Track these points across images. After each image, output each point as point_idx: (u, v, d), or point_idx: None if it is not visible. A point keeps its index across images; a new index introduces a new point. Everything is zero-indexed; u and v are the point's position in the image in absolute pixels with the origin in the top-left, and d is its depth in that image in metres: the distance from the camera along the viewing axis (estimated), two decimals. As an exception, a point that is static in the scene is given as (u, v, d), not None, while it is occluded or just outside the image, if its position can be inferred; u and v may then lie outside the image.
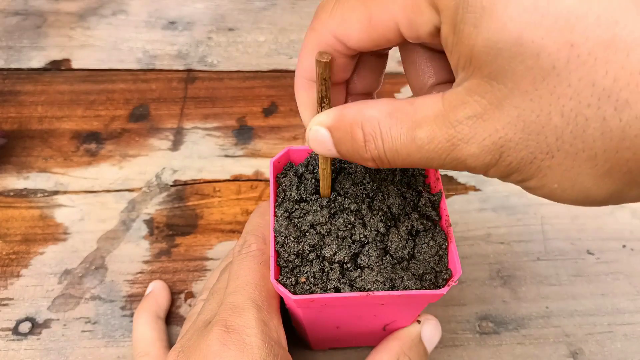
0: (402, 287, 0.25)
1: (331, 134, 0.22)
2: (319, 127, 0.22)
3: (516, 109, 0.17)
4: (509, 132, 0.17)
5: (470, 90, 0.18)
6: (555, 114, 0.16)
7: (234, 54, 0.53)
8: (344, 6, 0.20)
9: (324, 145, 0.22)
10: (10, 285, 0.38)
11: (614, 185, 0.17)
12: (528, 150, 0.17)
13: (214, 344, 0.24)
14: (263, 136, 0.47)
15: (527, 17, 0.16)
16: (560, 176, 0.18)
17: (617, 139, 0.16)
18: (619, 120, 0.16)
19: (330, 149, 0.22)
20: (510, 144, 0.18)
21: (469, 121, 0.18)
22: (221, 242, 0.41)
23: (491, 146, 0.18)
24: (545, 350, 0.36)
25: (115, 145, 0.46)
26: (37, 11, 0.56)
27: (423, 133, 0.19)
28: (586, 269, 0.40)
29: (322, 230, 0.26)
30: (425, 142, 0.19)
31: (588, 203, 0.18)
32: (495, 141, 0.18)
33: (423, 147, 0.19)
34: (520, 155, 0.18)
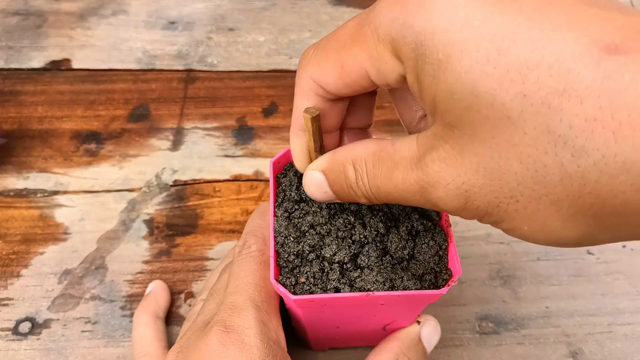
0: (402, 287, 0.25)
1: (326, 177, 0.23)
2: (313, 171, 0.24)
3: (476, 156, 0.17)
4: (472, 177, 0.18)
5: (437, 135, 0.19)
6: (514, 161, 0.17)
7: (234, 54, 0.53)
8: (320, 54, 0.22)
9: (320, 187, 0.24)
10: (10, 285, 0.38)
11: (582, 229, 0.17)
12: (492, 195, 0.18)
13: (213, 344, 0.24)
14: (263, 136, 0.47)
15: (480, 69, 0.16)
16: (528, 219, 0.18)
17: (578, 185, 0.16)
18: (577, 166, 0.16)
19: (326, 190, 0.24)
20: (474, 189, 0.18)
21: (434, 165, 0.19)
22: (221, 242, 0.41)
23: (455, 190, 0.18)
24: (545, 350, 0.36)
25: (115, 145, 0.46)
26: (37, 11, 0.56)
27: (399, 173, 0.20)
28: (586, 269, 0.40)
29: (322, 231, 0.26)
30: (400, 183, 0.20)
31: (560, 244, 0.18)
32: (458, 186, 0.18)
33: (398, 186, 0.20)
34: (485, 199, 0.18)
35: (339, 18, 0.57)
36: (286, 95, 0.50)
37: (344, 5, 0.58)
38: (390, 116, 0.49)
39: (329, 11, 0.58)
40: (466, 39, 0.16)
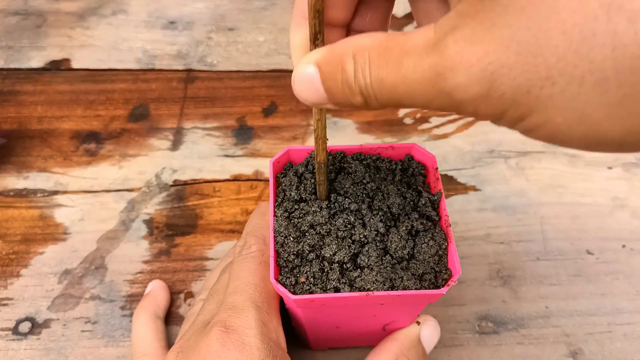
0: (402, 287, 0.25)
1: (320, 71, 0.20)
2: (306, 64, 0.20)
3: (509, 29, 0.15)
4: (501, 55, 0.15)
5: (462, 13, 0.16)
6: (556, 31, 0.14)
7: (234, 54, 0.53)
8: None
9: (310, 84, 0.20)
10: (10, 285, 0.38)
11: (630, 119, 0.15)
12: (524, 76, 0.15)
13: (214, 344, 0.24)
14: (263, 136, 0.47)
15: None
16: (565, 107, 0.15)
17: (632, 57, 0.14)
18: (633, 32, 0.13)
19: (318, 88, 0.20)
20: (502, 70, 0.15)
21: (456, 46, 0.16)
22: (221, 242, 0.41)
23: (480, 73, 0.16)
24: (545, 350, 0.36)
25: (114, 145, 0.46)
26: (37, 11, 0.56)
27: (409, 61, 0.17)
28: (586, 269, 0.40)
29: (321, 230, 0.26)
30: (410, 71, 0.17)
31: (600, 142, 0.16)
32: (484, 67, 0.16)
33: (407, 76, 0.17)
34: (515, 83, 0.15)
35: (338, 18, 0.57)
36: (286, 95, 0.50)
37: (344, 5, 0.58)
38: (391, 116, 0.49)
39: (328, 11, 0.58)
40: None
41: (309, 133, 0.48)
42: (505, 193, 0.44)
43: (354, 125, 0.48)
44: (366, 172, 0.28)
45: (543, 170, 0.45)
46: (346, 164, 0.29)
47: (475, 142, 0.47)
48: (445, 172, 0.45)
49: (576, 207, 0.43)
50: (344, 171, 0.29)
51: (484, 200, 0.43)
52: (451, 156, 0.46)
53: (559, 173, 0.45)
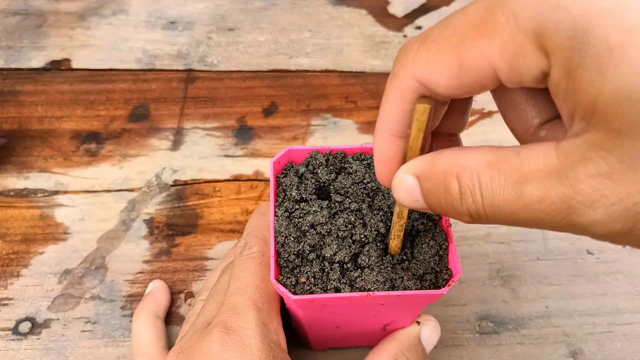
0: (402, 287, 0.25)
1: (420, 184, 0.20)
2: (406, 174, 0.20)
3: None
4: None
5: (594, 145, 0.15)
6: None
7: (234, 54, 0.53)
8: (430, 49, 0.18)
9: (410, 194, 0.20)
10: (10, 285, 0.38)
11: None
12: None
13: (214, 344, 0.24)
14: (263, 136, 0.47)
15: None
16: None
17: None
18: None
19: (418, 199, 0.20)
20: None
21: (592, 181, 0.15)
22: (221, 242, 0.41)
23: (623, 212, 0.15)
24: (545, 350, 0.36)
25: (115, 145, 0.46)
26: (37, 11, 0.56)
27: (532, 190, 0.16)
28: (586, 268, 0.40)
29: (322, 230, 0.26)
30: (535, 201, 0.16)
31: None
32: (628, 207, 0.15)
33: (531, 206, 0.16)
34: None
35: (339, 18, 0.57)
36: (286, 95, 0.50)
37: (344, 5, 0.58)
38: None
39: (329, 11, 0.58)
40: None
41: (309, 133, 0.48)
42: (505, 193, 0.44)
43: (355, 125, 0.48)
44: (366, 172, 0.28)
45: (543, 170, 0.45)
46: (347, 163, 0.29)
47: (475, 142, 0.47)
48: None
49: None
50: (345, 171, 0.29)
51: (484, 200, 0.43)
52: (451, 156, 0.46)
53: (559, 173, 0.45)
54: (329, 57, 0.54)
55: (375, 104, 0.50)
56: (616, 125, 0.14)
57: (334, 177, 0.28)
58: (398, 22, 0.57)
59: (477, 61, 0.17)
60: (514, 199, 0.17)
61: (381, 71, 0.53)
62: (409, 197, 0.20)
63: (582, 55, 0.14)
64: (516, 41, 0.16)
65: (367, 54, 0.54)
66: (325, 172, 0.28)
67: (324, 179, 0.28)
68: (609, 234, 0.16)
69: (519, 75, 0.16)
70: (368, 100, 0.50)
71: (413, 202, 0.20)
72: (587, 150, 0.15)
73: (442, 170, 0.19)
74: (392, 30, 0.56)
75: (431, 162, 0.19)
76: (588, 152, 0.15)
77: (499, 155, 0.17)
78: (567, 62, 0.15)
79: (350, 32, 0.56)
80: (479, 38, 0.16)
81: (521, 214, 0.17)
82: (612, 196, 0.15)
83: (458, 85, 0.18)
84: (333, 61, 0.53)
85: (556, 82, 0.16)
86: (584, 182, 0.15)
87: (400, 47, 0.20)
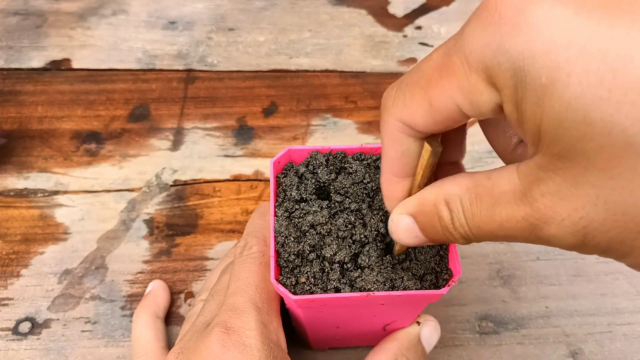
0: (402, 287, 0.25)
1: (416, 220, 0.22)
2: (400, 216, 0.22)
3: (594, 188, 0.16)
4: (590, 211, 0.16)
5: (542, 167, 0.17)
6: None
7: (234, 54, 0.53)
8: (405, 93, 0.20)
9: (409, 232, 0.22)
10: (10, 285, 0.38)
11: None
12: (616, 230, 0.16)
13: (214, 345, 0.24)
14: (263, 136, 0.47)
15: (592, 93, 0.15)
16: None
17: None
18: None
19: (417, 235, 0.22)
20: (593, 225, 0.16)
21: (545, 200, 0.17)
22: (221, 242, 0.41)
23: (572, 227, 0.17)
24: (545, 350, 0.36)
25: (115, 145, 0.46)
26: (37, 11, 0.56)
27: (502, 210, 0.18)
28: (586, 268, 0.40)
29: (322, 230, 0.26)
30: (505, 220, 0.18)
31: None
32: (575, 222, 0.16)
33: (503, 225, 0.18)
34: (607, 236, 0.16)
35: (339, 18, 0.57)
36: (286, 95, 0.50)
37: (344, 5, 0.58)
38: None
39: (329, 11, 0.58)
40: (573, 60, 0.15)
41: (309, 133, 0.48)
42: (505, 193, 0.44)
43: (354, 125, 0.48)
44: (366, 172, 0.28)
45: (543, 170, 0.45)
46: (347, 163, 0.29)
47: (475, 142, 0.47)
48: (446, 172, 0.45)
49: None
50: (345, 171, 0.29)
51: (484, 200, 0.43)
52: (451, 156, 0.46)
53: (559, 173, 0.45)
54: (329, 57, 0.54)
55: (375, 104, 0.50)
56: (557, 150, 0.16)
57: (334, 177, 0.28)
58: (398, 22, 0.57)
59: (443, 100, 0.19)
60: (489, 219, 0.19)
61: (381, 71, 0.53)
62: (409, 235, 0.22)
63: (523, 91, 0.16)
64: (470, 80, 0.17)
65: (367, 54, 0.54)
66: (325, 172, 0.28)
67: (324, 179, 0.28)
68: (568, 246, 0.18)
69: (478, 109, 0.18)
70: (368, 100, 0.50)
71: (414, 238, 0.22)
72: (538, 171, 0.17)
73: (433, 202, 0.21)
74: (392, 30, 0.56)
75: (421, 198, 0.21)
76: (539, 173, 0.17)
77: (475, 180, 0.19)
78: (513, 97, 0.17)
79: (350, 32, 0.56)
80: (441, 80, 0.18)
81: (499, 232, 0.19)
82: (562, 212, 0.17)
83: (433, 122, 0.19)
84: (333, 61, 0.53)
85: (508, 114, 0.17)
86: (539, 201, 0.17)
87: (383, 94, 0.22)
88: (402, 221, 0.22)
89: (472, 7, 0.62)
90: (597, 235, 0.17)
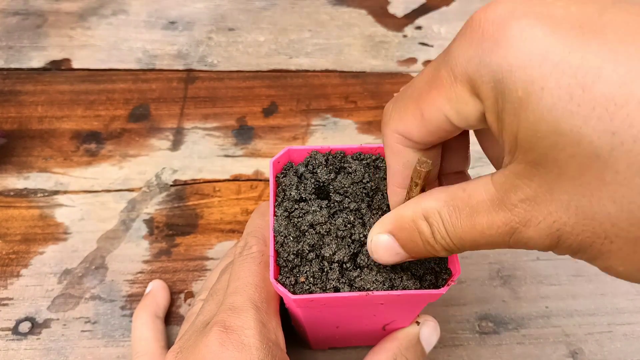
0: (402, 287, 0.25)
1: (396, 237, 0.22)
2: (378, 235, 0.22)
3: (566, 194, 0.17)
4: (563, 215, 0.17)
5: (519, 174, 0.18)
6: (607, 201, 0.16)
7: (234, 54, 0.53)
8: (400, 106, 0.21)
9: (389, 250, 0.22)
10: (10, 285, 0.38)
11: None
12: (585, 234, 0.17)
13: (213, 344, 0.24)
14: (263, 136, 0.47)
15: (563, 106, 0.16)
16: (624, 260, 0.17)
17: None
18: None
19: (399, 252, 0.22)
20: (565, 228, 0.17)
21: (523, 204, 0.18)
22: (221, 242, 0.41)
23: (547, 230, 0.18)
24: (545, 350, 0.36)
25: (115, 145, 0.46)
26: (37, 11, 0.56)
27: (482, 219, 0.19)
28: (586, 268, 0.40)
29: (321, 230, 0.26)
30: (486, 228, 0.19)
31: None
32: (550, 225, 0.18)
33: (484, 232, 0.19)
34: (578, 238, 0.17)
35: (339, 18, 0.57)
36: (286, 95, 0.50)
37: (344, 5, 0.58)
38: (390, 116, 0.49)
39: (329, 11, 0.58)
40: (546, 75, 0.16)
41: (309, 133, 0.48)
42: (505, 193, 0.44)
43: (354, 125, 0.48)
44: (366, 171, 0.28)
45: (543, 170, 0.45)
46: (346, 163, 0.29)
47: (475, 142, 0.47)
48: (446, 172, 0.45)
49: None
50: (344, 171, 0.29)
51: (484, 200, 0.43)
52: (451, 156, 0.46)
53: (559, 173, 0.45)
54: (329, 57, 0.54)
55: (375, 104, 0.50)
56: (531, 158, 0.17)
57: (333, 177, 0.28)
58: (398, 22, 0.57)
59: (432, 111, 0.20)
60: (470, 229, 0.19)
61: (381, 71, 0.53)
62: (389, 253, 0.22)
63: (502, 102, 0.17)
64: (457, 91, 0.19)
65: (367, 54, 0.54)
66: (325, 172, 0.28)
67: (323, 178, 0.28)
68: (545, 248, 0.19)
69: (465, 119, 0.19)
70: (368, 100, 0.50)
71: (394, 255, 0.23)
72: (514, 179, 0.18)
73: (411, 218, 0.21)
74: (392, 30, 0.56)
75: (399, 214, 0.22)
76: (515, 180, 0.18)
77: (451, 193, 0.20)
78: (494, 107, 0.18)
79: (350, 32, 0.56)
80: (431, 92, 0.20)
81: (480, 240, 0.19)
82: (538, 216, 0.18)
83: (426, 132, 0.21)
84: (333, 61, 0.53)
85: (491, 123, 0.18)
86: (518, 206, 0.18)
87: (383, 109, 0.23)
88: (381, 239, 0.22)
89: (472, 8, 0.62)
90: (569, 238, 0.17)
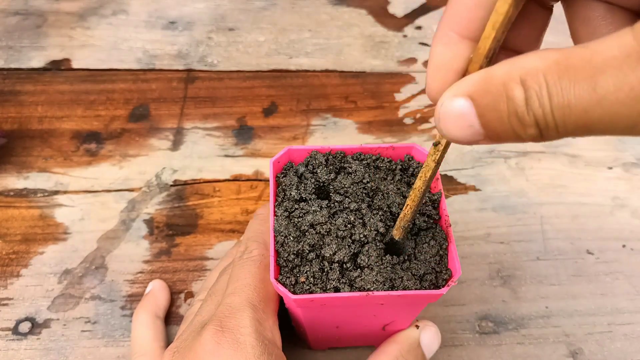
0: (402, 287, 0.25)
1: (475, 103, 0.17)
2: (452, 99, 0.17)
3: None
4: None
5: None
6: None
7: (234, 54, 0.53)
8: None
9: (462, 120, 0.17)
10: (10, 285, 0.38)
11: None
12: None
13: (208, 343, 0.24)
14: (263, 136, 0.47)
15: None
16: None
17: None
18: None
19: (472, 123, 0.17)
20: None
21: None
22: (221, 242, 0.41)
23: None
24: (545, 350, 0.36)
25: (115, 145, 0.46)
26: (37, 11, 0.56)
27: (608, 79, 0.14)
28: (586, 268, 0.40)
29: (321, 230, 0.26)
30: (612, 91, 0.14)
31: None
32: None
33: (607, 98, 0.14)
34: None
35: (338, 18, 0.57)
36: (286, 95, 0.50)
37: (344, 5, 0.58)
38: (391, 116, 0.49)
39: (329, 11, 0.58)
40: None
41: (309, 133, 0.48)
42: (505, 193, 0.44)
43: (354, 125, 0.48)
44: (366, 171, 0.28)
45: (543, 170, 0.45)
46: (346, 163, 0.29)
47: (475, 142, 0.47)
48: (445, 172, 0.45)
49: (576, 207, 0.43)
50: (344, 171, 0.29)
51: (484, 200, 0.43)
52: (451, 156, 0.46)
53: (559, 173, 0.45)
54: (329, 57, 0.54)
55: (375, 103, 0.50)
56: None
57: (333, 177, 0.28)
58: (398, 22, 0.57)
59: None
60: (587, 93, 0.15)
61: (381, 71, 0.53)
62: (461, 124, 0.17)
63: None
64: None
65: (367, 54, 0.54)
66: (325, 172, 0.28)
67: (323, 178, 0.28)
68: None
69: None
70: (368, 100, 0.50)
71: (467, 128, 0.17)
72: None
73: (502, 80, 0.16)
74: (392, 30, 0.56)
75: (487, 75, 0.17)
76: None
77: (567, 52, 0.15)
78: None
79: (350, 32, 0.56)
80: None
81: (595, 111, 0.15)
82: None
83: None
84: (333, 61, 0.53)
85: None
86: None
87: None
88: (455, 105, 0.17)
89: (472, 7, 0.62)
90: None
